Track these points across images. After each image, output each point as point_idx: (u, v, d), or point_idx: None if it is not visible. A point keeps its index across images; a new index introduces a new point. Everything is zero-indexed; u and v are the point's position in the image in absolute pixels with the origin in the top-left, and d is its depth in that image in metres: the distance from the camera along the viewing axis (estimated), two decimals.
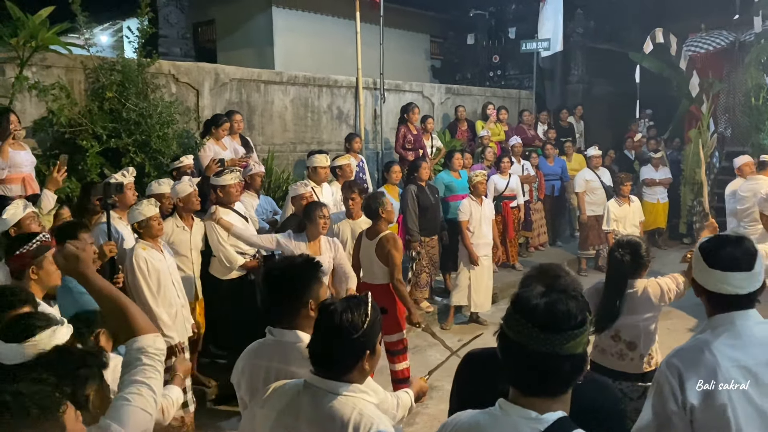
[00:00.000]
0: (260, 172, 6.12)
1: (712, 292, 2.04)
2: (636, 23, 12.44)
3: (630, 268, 3.37)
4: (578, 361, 1.50)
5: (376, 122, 9.60)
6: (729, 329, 2.00)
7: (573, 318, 1.49)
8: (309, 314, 2.28)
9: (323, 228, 4.75)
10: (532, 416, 1.50)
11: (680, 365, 1.99)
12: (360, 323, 1.91)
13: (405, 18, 13.03)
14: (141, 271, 4.22)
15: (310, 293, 2.33)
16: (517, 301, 1.55)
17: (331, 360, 1.93)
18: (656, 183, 10.11)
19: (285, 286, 2.34)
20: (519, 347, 1.51)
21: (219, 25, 12.00)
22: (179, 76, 7.15)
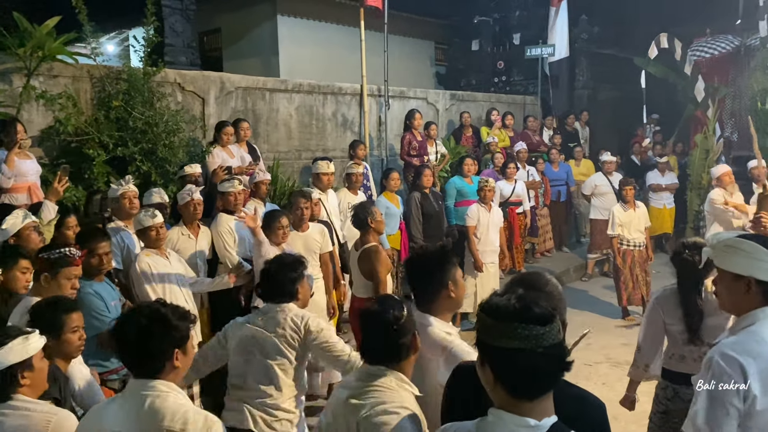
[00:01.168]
0: (266, 180, 6.14)
1: (763, 284, 2.12)
2: (640, 28, 12.43)
3: (703, 267, 3.26)
4: (564, 349, 1.54)
5: (381, 129, 9.62)
6: None
7: (547, 308, 1.54)
8: (449, 295, 2.49)
9: (283, 237, 4.73)
10: (531, 424, 1.51)
11: (739, 357, 2.03)
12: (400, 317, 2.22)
13: (409, 25, 13.07)
14: (146, 276, 4.28)
15: (450, 276, 2.50)
16: (492, 309, 1.57)
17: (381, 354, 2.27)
18: (662, 188, 10.07)
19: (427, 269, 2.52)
20: (521, 353, 1.50)
21: (224, 34, 12.07)
22: (185, 85, 7.19)
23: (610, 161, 9.13)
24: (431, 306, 2.48)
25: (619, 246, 7.46)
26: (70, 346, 2.80)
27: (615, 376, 5.66)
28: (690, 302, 3.30)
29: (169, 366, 2.10)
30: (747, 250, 2.17)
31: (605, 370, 5.93)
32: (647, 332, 3.51)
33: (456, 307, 2.57)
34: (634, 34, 12.77)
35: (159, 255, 4.42)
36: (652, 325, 3.46)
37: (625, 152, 11.56)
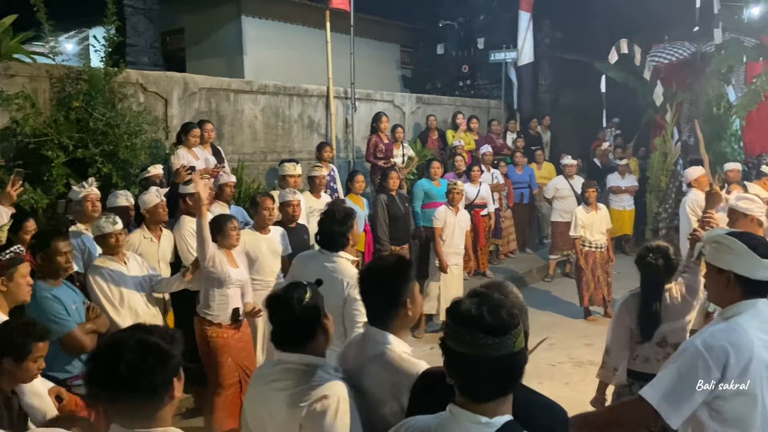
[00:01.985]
0: (231, 182, 6.08)
1: (755, 280, 2.22)
2: (601, 34, 12.71)
3: (664, 271, 3.37)
4: (524, 356, 1.58)
5: (348, 131, 9.62)
6: (756, 314, 2.21)
7: (514, 317, 1.57)
8: (406, 314, 2.31)
9: (237, 240, 4.61)
10: (482, 421, 1.55)
11: (723, 348, 2.13)
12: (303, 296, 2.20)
13: (375, 28, 13.12)
14: (98, 285, 4.16)
15: (408, 293, 2.32)
16: (457, 315, 1.59)
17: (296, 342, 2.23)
18: (622, 190, 10.30)
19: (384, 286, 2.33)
20: (470, 358, 1.54)
21: (188, 34, 11.94)
22: (147, 86, 7.08)
23: (571, 165, 9.29)
24: (387, 324, 2.29)
25: (581, 247, 7.60)
26: (28, 373, 2.66)
27: (578, 376, 5.77)
28: (649, 304, 3.38)
29: (167, 400, 1.75)
30: (729, 246, 2.27)
31: (568, 370, 6.03)
32: (615, 335, 3.56)
33: (411, 324, 2.41)
34: (595, 40, 13.06)
35: (116, 261, 4.30)
36: (620, 328, 3.52)
37: (587, 155, 11.79)
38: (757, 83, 10.35)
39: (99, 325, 3.86)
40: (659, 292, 3.39)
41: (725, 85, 10.82)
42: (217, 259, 4.44)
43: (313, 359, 2.17)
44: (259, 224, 5.14)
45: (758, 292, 2.25)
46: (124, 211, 4.97)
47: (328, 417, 2.03)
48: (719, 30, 10.43)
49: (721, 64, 10.63)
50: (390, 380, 2.18)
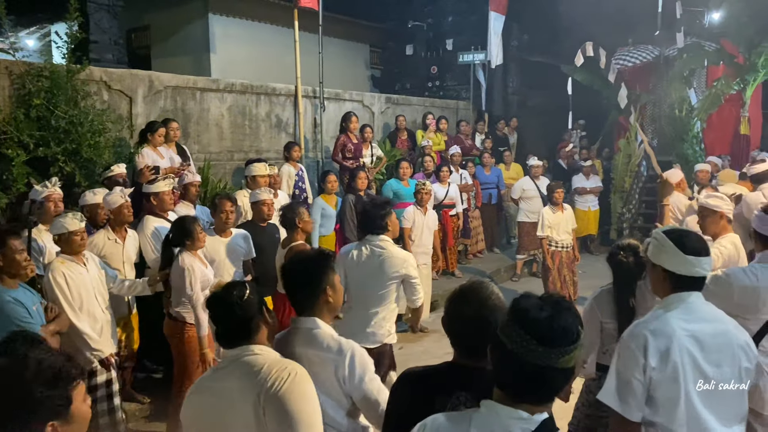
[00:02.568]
0: (196, 182, 6.00)
1: (680, 275, 2.35)
2: (568, 37, 12.86)
3: (635, 268, 3.43)
4: (569, 374, 1.56)
5: (316, 131, 9.58)
6: (682, 306, 2.34)
7: (570, 333, 1.53)
8: (327, 300, 2.53)
9: (204, 241, 4.54)
10: (524, 416, 1.55)
11: (642, 334, 2.29)
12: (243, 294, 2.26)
13: (344, 27, 13.09)
14: (59, 285, 4.02)
15: (327, 280, 2.53)
16: (517, 312, 1.57)
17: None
18: (587, 191, 10.45)
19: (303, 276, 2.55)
20: (514, 357, 1.53)
21: (154, 32, 11.76)
22: (111, 83, 6.95)
23: (537, 165, 9.39)
24: (312, 310, 2.50)
25: (548, 247, 7.69)
26: None
27: None
28: (622, 301, 3.45)
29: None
30: (661, 243, 2.40)
31: None
32: (585, 330, 3.62)
33: (335, 311, 2.60)
34: (562, 43, 13.20)
35: (76, 262, 4.17)
36: (589, 323, 3.57)
37: (553, 156, 11.94)
38: (718, 86, 10.61)
39: (61, 325, 3.78)
40: (632, 288, 3.46)
41: (687, 88, 11.07)
42: (196, 267, 4.36)
43: (258, 347, 2.22)
44: (219, 227, 4.99)
45: (687, 286, 2.36)
46: (92, 210, 4.88)
47: (290, 384, 2.04)
48: (681, 34, 10.67)
49: (683, 68, 10.87)
50: (325, 357, 2.38)
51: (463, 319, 2.03)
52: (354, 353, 2.39)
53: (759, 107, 11.82)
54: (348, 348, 2.40)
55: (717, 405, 2.27)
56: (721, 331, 2.31)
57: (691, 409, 2.25)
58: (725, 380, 2.28)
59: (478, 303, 2.02)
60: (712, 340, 2.29)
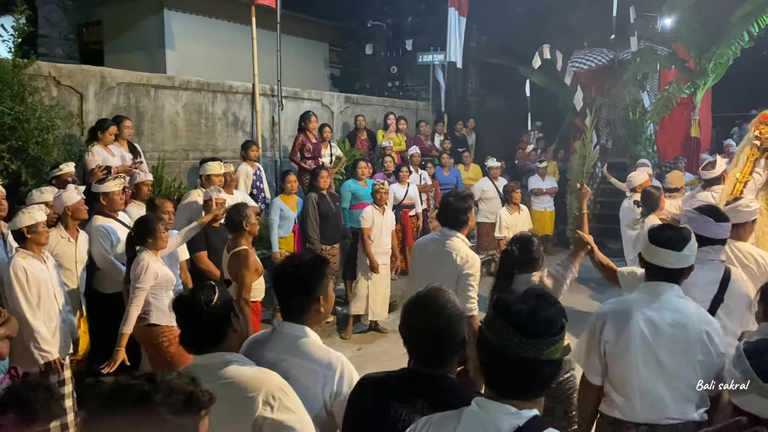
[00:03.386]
0: (148, 181, 5.85)
1: (648, 263, 2.63)
2: (525, 39, 13.02)
3: (519, 260, 3.52)
4: (556, 366, 1.56)
5: (274, 130, 9.47)
6: (650, 294, 2.59)
7: (554, 324, 1.53)
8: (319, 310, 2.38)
9: (166, 242, 4.42)
10: (512, 411, 1.54)
11: (604, 312, 2.64)
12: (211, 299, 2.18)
13: (303, 26, 12.99)
14: (19, 281, 3.90)
15: (321, 289, 2.38)
16: (499, 305, 1.58)
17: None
18: (543, 192, 10.58)
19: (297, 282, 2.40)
20: (499, 351, 1.53)
21: (106, 27, 11.45)
22: (61, 79, 6.74)
23: (496, 167, 9.46)
24: (301, 318, 2.36)
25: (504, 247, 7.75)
26: None
27: None
28: (500, 288, 3.54)
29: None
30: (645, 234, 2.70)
31: None
32: None
33: (322, 320, 2.48)
34: (519, 45, 13.37)
35: (37, 258, 4.07)
36: None
37: (511, 158, 12.06)
38: (670, 90, 10.88)
39: (11, 330, 3.62)
40: (510, 280, 3.56)
41: (640, 91, 11.32)
42: (156, 265, 4.25)
43: (232, 355, 2.15)
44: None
45: (657, 276, 2.61)
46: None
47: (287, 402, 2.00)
48: (635, 38, 10.91)
49: (637, 71, 11.11)
50: (313, 369, 2.22)
51: (419, 330, 2.00)
52: (344, 369, 2.25)
53: (709, 111, 12.17)
54: (338, 362, 2.26)
55: (670, 386, 2.50)
56: (680, 323, 2.50)
57: (643, 384, 2.52)
58: (678, 367, 2.49)
59: (433, 313, 1.98)
60: (669, 329, 2.50)
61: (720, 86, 11.55)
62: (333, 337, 6.95)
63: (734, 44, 10.47)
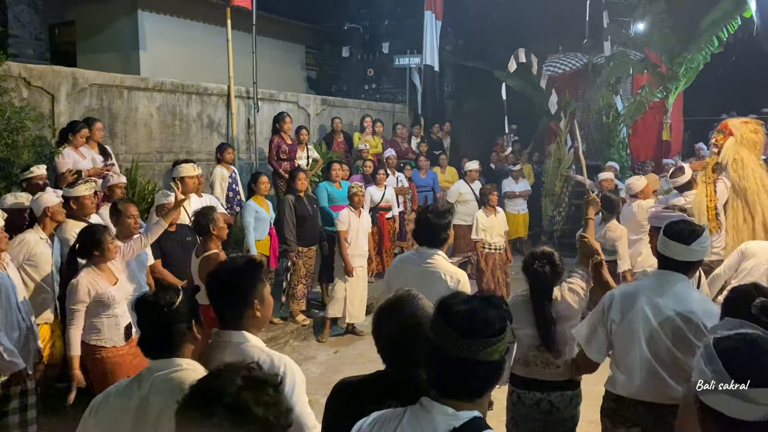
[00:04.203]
0: (121, 183, 5.77)
1: (660, 253, 2.84)
2: (501, 43, 13.13)
3: (551, 277, 3.33)
4: (495, 368, 1.56)
5: (250, 132, 9.41)
6: (659, 282, 2.81)
7: (491, 326, 1.54)
8: (255, 314, 2.34)
9: (115, 252, 4.14)
10: (449, 412, 1.56)
11: (613, 293, 2.89)
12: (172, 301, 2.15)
13: (279, 27, 12.94)
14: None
15: (256, 294, 2.35)
16: (441, 307, 1.61)
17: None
18: (516, 195, 10.66)
19: (230, 288, 2.36)
20: (440, 351, 1.55)
21: (79, 27, 11.29)
22: (31, 80, 6.63)
23: (474, 169, 9.48)
24: (239, 324, 2.33)
25: (482, 249, 7.79)
26: None
27: None
28: (541, 311, 3.32)
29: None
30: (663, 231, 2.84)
31: None
32: None
33: (262, 325, 2.42)
34: (495, 48, 13.47)
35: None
36: None
37: (487, 160, 12.14)
38: (642, 94, 11.05)
39: None
40: (549, 296, 3.35)
41: (614, 95, 11.48)
42: (91, 288, 3.95)
43: (185, 362, 2.13)
44: (123, 233, 4.61)
45: (668, 266, 2.81)
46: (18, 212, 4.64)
47: None
48: (608, 43, 11.06)
49: (610, 75, 11.27)
50: None
51: (389, 335, 2.02)
52: (286, 368, 2.25)
53: (680, 114, 12.39)
54: (281, 363, 2.26)
55: (671, 368, 2.70)
56: (684, 313, 2.69)
57: (644, 364, 2.72)
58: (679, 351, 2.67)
59: (403, 319, 2.00)
60: (673, 317, 2.70)
61: (691, 90, 11.76)
62: (309, 340, 6.92)
63: (704, 49, 10.68)
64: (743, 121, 5.74)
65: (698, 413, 1.44)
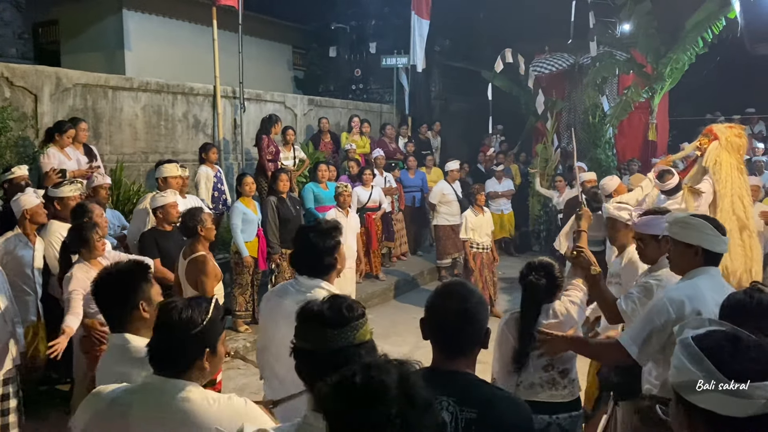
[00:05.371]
0: (105, 184, 5.71)
1: (712, 252, 2.79)
2: (488, 43, 13.16)
3: (546, 290, 3.15)
4: (370, 348, 1.71)
5: (236, 132, 9.35)
6: (709, 278, 2.78)
7: (353, 310, 1.72)
8: (142, 316, 2.34)
9: (103, 248, 4.18)
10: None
11: (680, 299, 2.70)
12: (199, 320, 1.93)
13: (266, 27, 12.89)
14: None
15: (141, 295, 2.36)
16: (305, 315, 1.75)
17: (170, 357, 1.93)
18: (499, 195, 10.67)
19: (113, 290, 2.37)
20: (316, 354, 1.66)
21: (63, 27, 11.19)
22: (14, 80, 6.55)
23: (455, 169, 9.44)
24: (125, 327, 2.33)
25: (470, 249, 7.80)
26: None
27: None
28: (527, 323, 3.15)
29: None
30: (698, 226, 2.79)
31: None
32: (499, 358, 3.26)
33: (151, 325, 2.12)
34: (482, 49, 13.50)
35: None
36: (503, 350, 3.23)
37: (475, 161, 12.16)
38: (628, 94, 11.12)
39: None
40: (538, 310, 3.17)
41: (600, 96, 11.54)
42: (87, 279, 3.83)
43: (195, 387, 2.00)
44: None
45: (714, 262, 2.83)
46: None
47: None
48: (594, 43, 11.10)
49: (596, 76, 11.32)
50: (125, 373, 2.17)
51: (447, 314, 1.96)
52: None
53: (666, 115, 12.47)
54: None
55: None
56: None
57: None
58: None
59: (462, 299, 1.98)
60: None
61: (677, 91, 11.85)
62: None
63: (689, 50, 10.75)
64: (728, 126, 5.79)
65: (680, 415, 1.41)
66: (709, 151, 5.52)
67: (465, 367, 1.93)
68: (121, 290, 2.34)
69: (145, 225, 5.43)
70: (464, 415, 1.79)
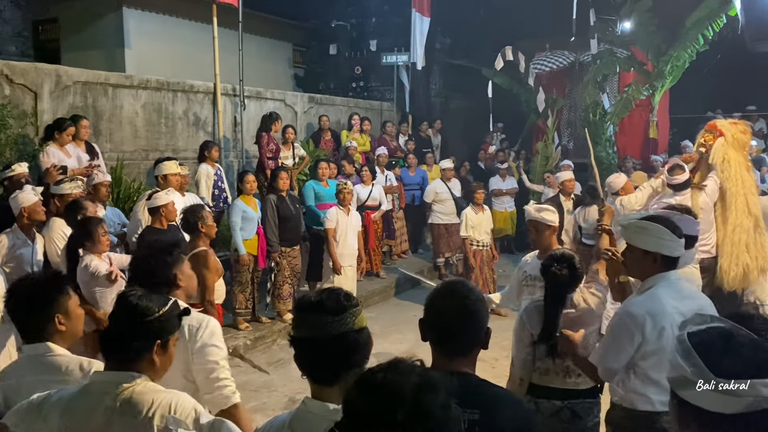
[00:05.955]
0: (105, 182, 5.71)
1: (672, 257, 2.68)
2: (488, 41, 13.14)
3: (569, 281, 3.17)
4: (367, 335, 1.75)
5: (236, 130, 9.35)
6: (668, 284, 2.67)
7: (350, 298, 1.76)
8: (58, 329, 2.28)
9: (108, 244, 4.27)
10: (331, 408, 1.61)
11: (641, 315, 2.61)
12: (155, 309, 1.93)
13: (266, 25, 12.88)
14: None
15: (57, 308, 2.29)
16: (303, 303, 1.77)
17: (121, 343, 1.91)
18: (503, 193, 10.67)
19: (27, 302, 2.30)
20: (315, 340, 1.68)
21: (63, 24, 11.18)
22: (14, 77, 6.55)
23: (449, 168, 9.42)
24: (43, 338, 2.27)
25: (470, 246, 7.80)
26: None
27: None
28: (551, 314, 3.16)
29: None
30: (654, 231, 2.66)
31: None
32: (517, 345, 3.30)
33: (71, 340, 2.34)
34: (482, 46, 13.48)
35: None
36: (521, 337, 3.27)
37: (475, 159, 12.15)
38: (629, 92, 11.11)
39: None
40: (563, 302, 3.19)
41: (600, 93, 11.53)
42: (94, 263, 4.10)
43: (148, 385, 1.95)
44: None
45: (671, 266, 2.70)
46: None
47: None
48: (595, 41, 11.10)
49: (597, 73, 11.31)
50: (70, 381, 2.14)
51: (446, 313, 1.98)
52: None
53: (666, 112, 12.46)
54: (89, 368, 2.18)
55: None
56: (701, 307, 2.60)
57: None
58: None
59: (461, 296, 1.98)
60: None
61: (677, 88, 11.84)
62: None
63: (690, 48, 10.74)
64: (732, 122, 5.71)
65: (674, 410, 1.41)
66: (716, 148, 5.44)
67: (465, 368, 1.94)
68: (36, 301, 2.26)
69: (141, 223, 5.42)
70: (466, 416, 1.78)
